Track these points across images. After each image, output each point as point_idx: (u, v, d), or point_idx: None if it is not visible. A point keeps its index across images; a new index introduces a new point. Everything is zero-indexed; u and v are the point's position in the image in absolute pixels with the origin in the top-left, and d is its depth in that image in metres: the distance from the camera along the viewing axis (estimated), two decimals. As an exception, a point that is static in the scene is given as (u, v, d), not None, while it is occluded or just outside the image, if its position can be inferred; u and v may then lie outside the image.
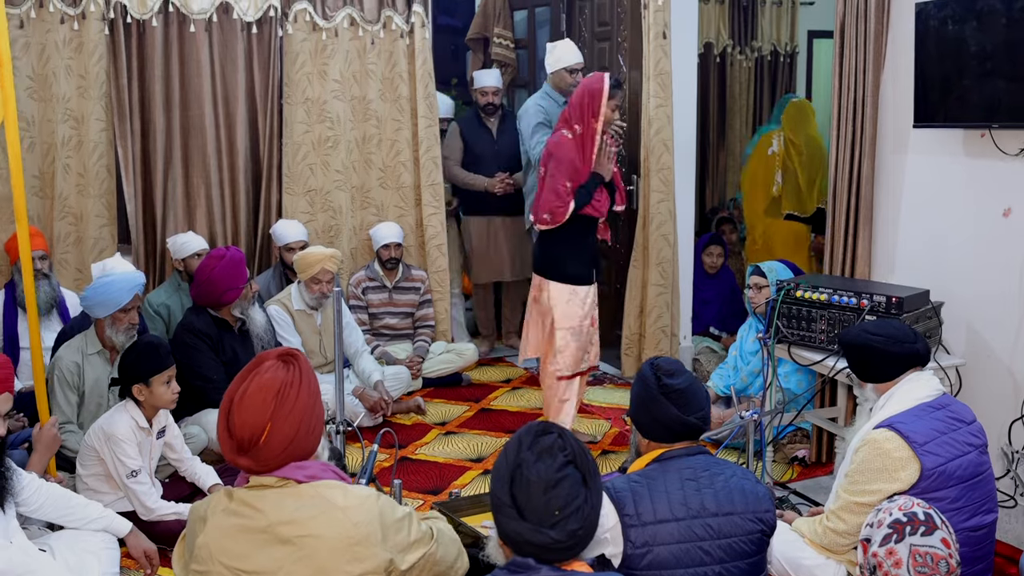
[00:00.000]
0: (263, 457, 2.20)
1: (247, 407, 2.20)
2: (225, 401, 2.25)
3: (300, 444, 2.24)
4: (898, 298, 4.02)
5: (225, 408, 2.24)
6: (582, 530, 2.02)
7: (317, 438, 2.32)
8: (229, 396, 2.25)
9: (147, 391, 3.88)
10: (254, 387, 2.22)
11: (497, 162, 6.61)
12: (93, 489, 3.93)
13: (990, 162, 4.08)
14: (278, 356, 2.30)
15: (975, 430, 3.12)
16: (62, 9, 5.44)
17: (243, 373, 2.27)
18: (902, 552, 2.53)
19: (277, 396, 2.21)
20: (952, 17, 4.02)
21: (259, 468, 2.22)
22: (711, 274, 6.65)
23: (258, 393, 2.21)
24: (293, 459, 2.23)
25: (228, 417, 2.23)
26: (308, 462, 2.27)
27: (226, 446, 2.24)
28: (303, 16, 5.97)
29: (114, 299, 4.31)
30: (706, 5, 8.03)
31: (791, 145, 7.05)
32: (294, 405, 2.22)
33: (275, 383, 2.22)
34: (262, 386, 2.22)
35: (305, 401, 2.25)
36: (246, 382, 2.24)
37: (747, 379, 5.21)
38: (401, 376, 5.81)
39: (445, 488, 4.59)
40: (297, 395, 2.24)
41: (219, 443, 2.26)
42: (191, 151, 5.92)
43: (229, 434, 2.22)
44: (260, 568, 2.16)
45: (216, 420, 4.85)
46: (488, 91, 6.66)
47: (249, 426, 2.19)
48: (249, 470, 2.23)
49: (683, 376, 2.64)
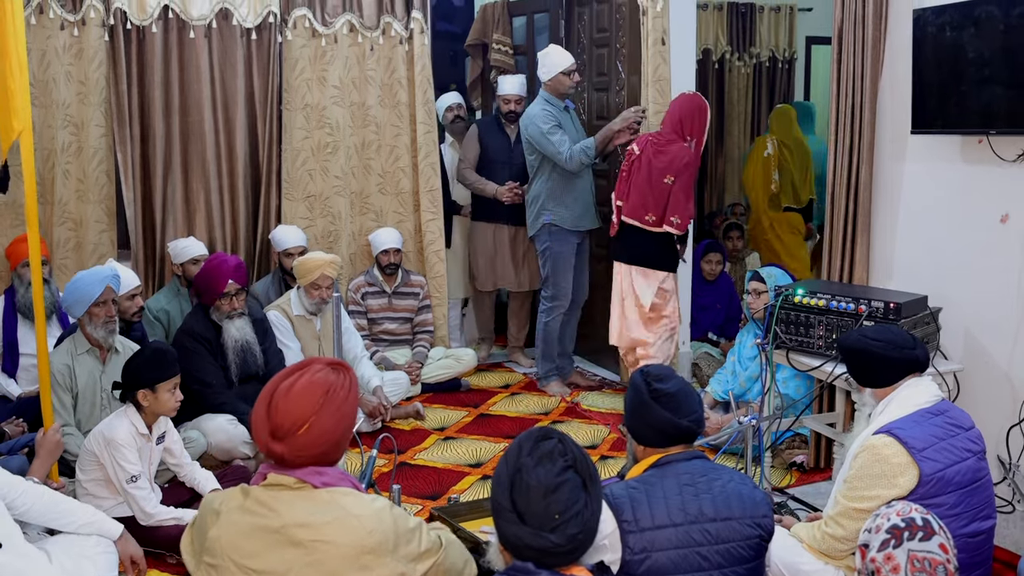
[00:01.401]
0: (297, 447, 2.23)
1: (295, 397, 2.25)
2: (268, 388, 2.29)
3: (333, 446, 2.29)
4: (896, 304, 4.03)
5: (267, 395, 2.28)
6: (582, 534, 2.03)
7: (344, 449, 2.37)
8: (274, 384, 2.29)
9: (152, 397, 3.89)
10: (304, 381, 2.27)
11: (510, 170, 6.50)
12: (93, 494, 3.93)
13: (988, 168, 4.09)
14: (328, 363, 2.36)
15: (973, 436, 3.12)
16: (62, 15, 5.46)
17: (290, 370, 2.33)
18: (900, 558, 2.53)
19: (327, 394, 2.27)
20: (950, 24, 4.02)
21: (289, 457, 2.24)
22: (709, 281, 6.67)
23: (309, 386, 2.27)
24: (321, 461, 2.27)
25: (270, 404, 2.26)
26: (327, 468, 2.30)
27: (262, 430, 2.26)
28: (302, 22, 5.99)
29: (86, 294, 4.33)
30: (704, 11, 8.05)
31: (783, 147, 7.67)
32: (340, 406, 2.28)
33: (327, 382, 2.29)
34: (314, 381, 2.28)
35: (349, 407, 2.33)
36: (296, 376, 2.29)
37: (745, 384, 5.22)
38: (400, 381, 5.82)
39: (444, 493, 4.60)
40: (345, 398, 2.30)
41: (253, 426, 2.29)
42: (191, 157, 5.93)
43: (268, 418, 2.25)
44: (270, 568, 2.18)
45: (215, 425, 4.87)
46: (511, 99, 6.52)
47: (293, 415, 2.23)
48: (278, 458, 2.25)
49: (673, 381, 2.66)
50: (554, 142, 5.75)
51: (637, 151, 5.34)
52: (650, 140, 5.33)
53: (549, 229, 5.98)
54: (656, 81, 5.84)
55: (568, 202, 5.96)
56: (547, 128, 5.76)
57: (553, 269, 6.03)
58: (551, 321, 6.12)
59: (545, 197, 5.96)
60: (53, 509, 3.48)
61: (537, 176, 6.02)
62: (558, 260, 6.02)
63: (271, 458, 2.27)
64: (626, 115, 5.74)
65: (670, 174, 5.17)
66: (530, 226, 6.14)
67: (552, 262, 6.03)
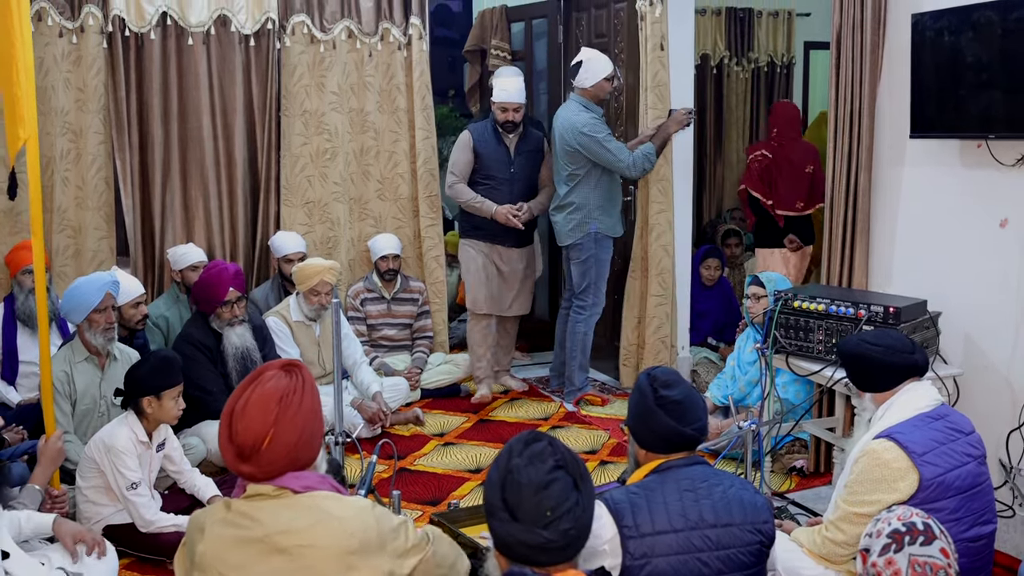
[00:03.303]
0: (264, 463, 2.21)
1: (250, 414, 2.22)
2: (227, 410, 2.26)
3: (302, 451, 2.26)
4: (895, 308, 4.03)
5: (227, 416, 2.25)
6: (574, 530, 2.03)
7: (317, 447, 2.34)
8: (231, 405, 2.26)
9: (156, 404, 3.90)
10: (256, 395, 2.24)
11: (511, 187, 5.99)
12: (93, 501, 3.93)
13: (987, 172, 4.09)
14: (280, 366, 2.32)
15: (974, 440, 3.12)
16: (60, 23, 5.46)
17: (245, 383, 2.29)
18: (901, 562, 2.53)
19: (280, 403, 2.23)
20: (948, 28, 4.02)
21: (261, 475, 2.23)
22: (708, 286, 6.67)
23: (260, 400, 2.23)
24: (294, 467, 2.25)
25: (230, 425, 2.24)
26: (306, 472, 2.28)
27: (228, 454, 2.24)
28: (301, 28, 5.99)
29: (85, 301, 4.31)
30: (703, 16, 8.05)
31: None
32: (297, 411, 2.25)
33: (278, 390, 2.25)
34: (265, 393, 2.24)
35: (308, 408, 2.28)
36: (248, 391, 2.26)
37: (745, 389, 5.22)
38: (399, 387, 5.81)
39: (444, 499, 4.59)
40: (300, 402, 2.26)
41: (221, 452, 2.27)
42: (189, 163, 5.93)
43: (231, 441, 2.23)
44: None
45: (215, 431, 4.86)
46: (510, 107, 5.87)
47: (251, 432, 2.20)
48: (251, 477, 2.24)
49: (680, 387, 2.64)
50: (613, 150, 5.63)
51: (770, 155, 6.50)
52: (774, 146, 6.55)
53: (595, 237, 5.83)
54: (655, 87, 5.85)
55: (611, 210, 5.89)
56: (603, 136, 5.64)
57: (597, 276, 5.92)
58: (589, 331, 6.02)
59: (592, 206, 5.79)
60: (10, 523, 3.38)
61: (580, 185, 5.77)
62: (602, 268, 5.94)
63: (243, 479, 2.26)
64: (679, 117, 5.81)
65: (812, 165, 6.41)
66: (566, 235, 5.88)
67: (596, 270, 5.90)
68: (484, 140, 5.98)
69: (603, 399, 6.05)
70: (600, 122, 5.70)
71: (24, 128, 3.69)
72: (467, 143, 5.99)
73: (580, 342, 6.00)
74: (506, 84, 5.92)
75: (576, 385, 6.06)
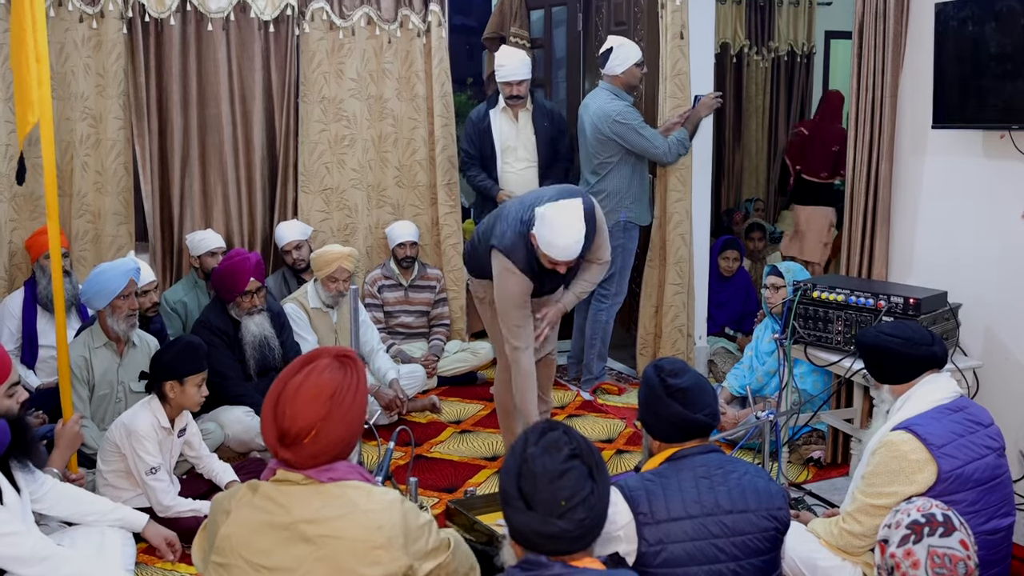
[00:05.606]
0: (305, 454, 2.20)
1: (300, 402, 2.19)
2: (275, 388, 2.23)
3: (345, 448, 2.25)
4: (915, 299, 4.01)
5: (274, 395, 2.22)
6: (589, 519, 2.03)
7: (354, 444, 2.33)
8: (280, 384, 2.23)
9: (180, 390, 3.93)
10: (310, 383, 2.21)
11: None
12: (113, 485, 3.96)
13: (1009, 163, 4.06)
14: (335, 355, 2.28)
15: (993, 433, 3.11)
16: (81, 8, 5.47)
17: (297, 364, 2.26)
18: (920, 553, 2.52)
19: (332, 399, 2.21)
20: (971, 17, 3.99)
21: (299, 464, 2.21)
22: (726, 277, 6.65)
23: (313, 390, 2.20)
24: (333, 461, 2.23)
25: (276, 405, 2.21)
26: (337, 463, 2.26)
27: (270, 435, 2.22)
28: (320, 15, 5.99)
29: (109, 287, 4.33)
30: (723, 5, 8.02)
31: None
32: (348, 410, 2.23)
33: (332, 385, 2.22)
34: (319, 385, 2.21)
35: (358, 407, 2.26)
36: (300, 375, 2.23)
37: (763, 379, 5.20)
38: (416, 374, 5.82)
39: (460, 486, 4.60)
40: (352, 401, 2.24)
41: (262, 430, 2.25)
42: (208, 149, 5.94)
43: (275, 422, 2.20)
44: (281, 565, 2.16)
45: (233, 417, 4.88)
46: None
47: (299, 422, 2.18)
48: (287, 463, 2.22)
49: (687, 375, 2.64)
50: (648, 136, 5.63)
51: (807, 132, 7.41)
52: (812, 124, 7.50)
53: (624, 226, 5.82)
54: (675, 75, 5.83)
55: (642, 197, 5.89)
56: (637, 123, 5.63)
57: (622, 265, 5.89)
58: (611, 319, 6.01)
59: (624, 194, 5.78)
60: (77, 502, 3.51)
61: (612, 173, 5.75)
62: (628, 257, 5.93)
63: (279, 461, 2.24)
64: (708, 102, 5.79)
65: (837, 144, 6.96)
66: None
67: (622, 259, 5.86)
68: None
69: (620, 388, 6.05)
70: (632, 109, 5.68)
71: (33, 112, 3.69)
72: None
73: (601, 330, 5.99)
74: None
75: (594, 374, 6.06)
